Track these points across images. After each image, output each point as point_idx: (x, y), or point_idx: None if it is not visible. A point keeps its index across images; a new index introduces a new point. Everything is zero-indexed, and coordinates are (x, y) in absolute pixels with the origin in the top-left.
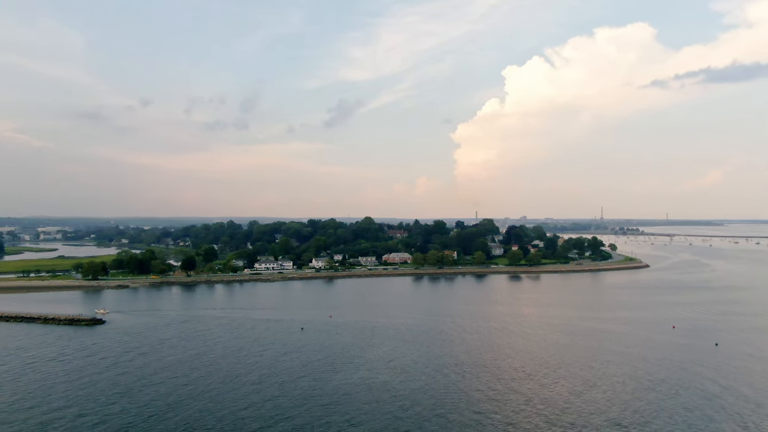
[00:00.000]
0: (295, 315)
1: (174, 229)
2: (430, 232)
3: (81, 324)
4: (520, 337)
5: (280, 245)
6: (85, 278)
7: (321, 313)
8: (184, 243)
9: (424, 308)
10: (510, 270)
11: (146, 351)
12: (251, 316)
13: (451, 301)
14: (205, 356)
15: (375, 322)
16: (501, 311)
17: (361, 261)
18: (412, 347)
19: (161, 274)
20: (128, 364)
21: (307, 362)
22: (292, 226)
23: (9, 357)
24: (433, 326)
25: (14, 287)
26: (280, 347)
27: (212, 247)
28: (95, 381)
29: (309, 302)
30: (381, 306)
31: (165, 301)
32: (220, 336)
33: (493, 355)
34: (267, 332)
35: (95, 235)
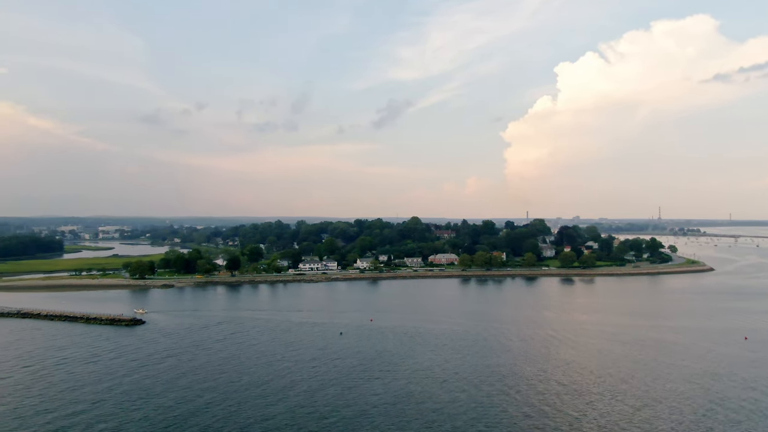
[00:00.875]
0: (336, 318)
1: (225, 228)
2: (479, 232)
3: (121, 324)
4: (571, 347)
5: (326, 245)
6: (132, 277)
7: (362, 317)
8: (233, 242)
9: (469, 312)
10: (562, 272)
11: (179, 353)
12: (290, 318)
13: (499, 306)
14: (237, 360)
15: (417, 328)
16: (551, 317)
17: (406, 262)
18: (454, 355)
19: (206, 274)
20: (157, 367)
21: (341, 370)
22: (338, 226)
23: (45, 356)
24: (478, 333)
25: (66, 285)
26: (315, 353)
27: (258, 246)
28: (122, 383)
29: (351, 304)
30: (424, 309)
31: (207, 301)
32: (256, 339)
33: (541, 367)
34: (304, 336)
35: (150, 235)
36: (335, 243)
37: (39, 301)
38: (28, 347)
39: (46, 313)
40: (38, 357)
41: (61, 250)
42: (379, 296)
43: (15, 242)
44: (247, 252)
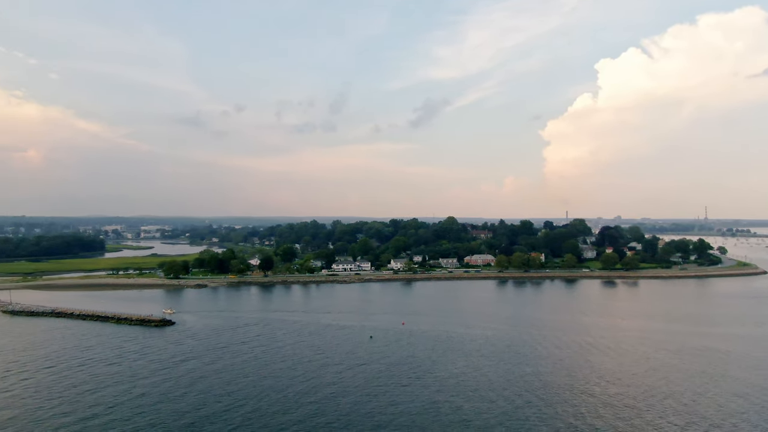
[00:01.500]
0: (366, 321)
1: (263, 228)
2: (516, 232)
3: (150, 325)
4: (615, 356)
5: (360, 245)
6: (167, 277)
7: (394, 320)
8: (270, 242)
9: (506, 316)
10: (604, 275)
11: (202, 355)
12: (320, 320)
13: (537, 309)
14: (260, 364)
15: (449, 332)
16: (593, 322)
17: (441, 263)
18: (489, 363)
19: (239, 274)
20: (177, 369)
21: (367, 376)
22: (373, 225)
23: (71, 357)
24: (515, 338)
25: (103, 285)
26: (342, 357)
27: (291, 246)
28: (140, 386)
29: (382, 306)
30: (459, 313)
31: (238, 301)
32: (283, 341)
33: (584, 377)
34: (333, 340)
35: (189, 234)
36: (369, 243)
37: (75, 300)
38: (56, 347)
39: (78, 313)
40: (64, 357)
41: (103, 249)
42: (411, 298)
43: (59, 241)
44: (280, 252)
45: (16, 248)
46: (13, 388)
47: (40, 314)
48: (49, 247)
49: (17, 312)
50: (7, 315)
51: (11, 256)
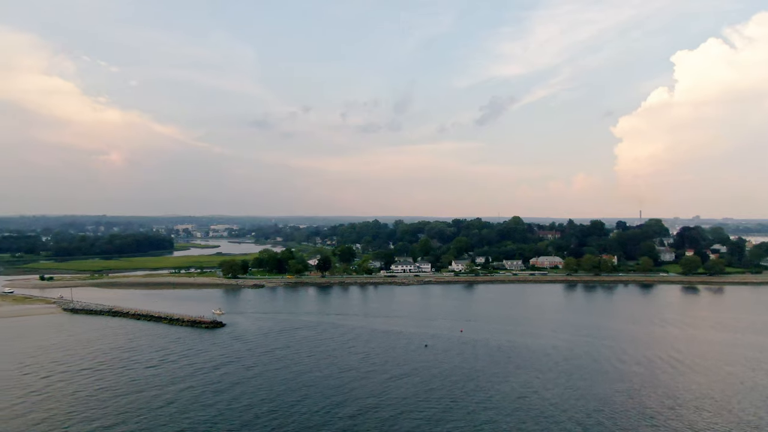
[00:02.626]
0: (423, 326)
1: (326, 228)
2: (586, 233)
3: (201, 327)
4: (702, 376)
5: (420, 246)
6: (225, 276)
7: (452, 326)
8: (331, 242)
9: (575, 325)
10: (684, 280)
11: (244, 360)
12: (374, 325)
13: (609, 318)
14: (303, 371)
15: (513, 342)
16: (674, 335)
17: (505, 264)
18: (554, 380)
19: (297, 274)
20: (213, 374)
21: (417, 391)
22: (435, 225)
23: (115, 358)
24: (584, 351)
25: (164, 283)
26: (393, 368)
27: (350, 247)
28: (170, 392)
29: (441, 311)
30: (523, 320)
31: (293, 303)
32: (332, 347)
33: (665, 402)
34: (385, 347)
35: (255, 234)
36: (430, 243)
37: (135, 299)
38: (104, 347)
39: (133, 312)
40: (108, 358)
41: (171, 247)
42: (473, 302)
43: (130, 240)
44: (338, 252)
45: (92, 246)
46: (50, 389)
47: (97, 313)
48: (121, 245)
49: (77, 310)
50: (68, 313)
51: (87, 254)
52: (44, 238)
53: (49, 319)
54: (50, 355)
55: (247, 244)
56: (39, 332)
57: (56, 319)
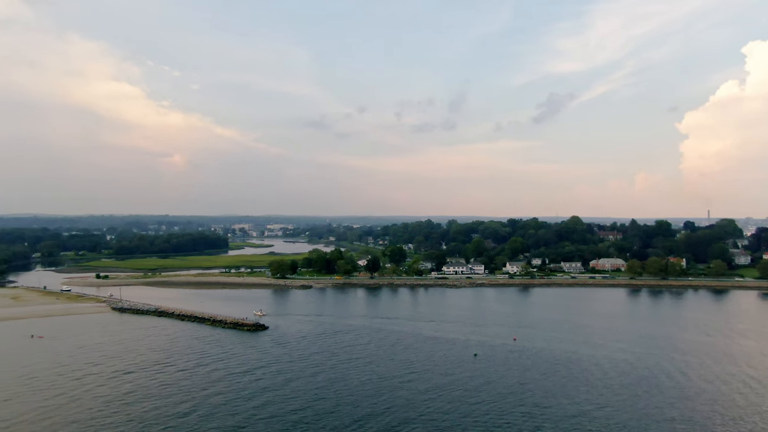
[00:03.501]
0: (473, 333)
1: (380, 227)
2: (651, 234)
3: (243, 329)
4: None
5: (473, 246)
6: (274, 276)
7: (505, 334)
8: (383, 242)
9: (639, 335)
10: (762, 285)
11: (279, 366)
12: (422, 330)
13: (678, 327)
14: (335, 379)
15: (571, 352)
16: (753, 348)
17: (563, 267)
18: (616, 398)
19: (345, 275)
20: (242, 380)
21: (461, 408)
22: (490, 225)
23: (151, 360)
24: (650, 365)
25: (213, 283)
26: (438, 379)
27: (400, 247)
28: (195, 399)
29: (494, 316)
30: (582, 328)
31: (340, 305)
32: (375, 354)
33: (744, 427)
34: (431, 355)
35: (309, 233)
36: (484, 244)
37: (182, 298)
38: (143, 348)
39: (178, 313)
40: (145, 360)
41: (226, 246)
42: (528, 307)
43: (187, 239)
44: (388, 252)
45: (151, 245)
46: (79, 392)
47: (144, 312)
48: (177, 244)
49: (125, 309)
50: (116, 312)
51: (146, 252)
52: (108, 237)
53: (96, 318)
54: (88, 356)
55: (301, 244)
56: (83, 331)
57: (103, 318)
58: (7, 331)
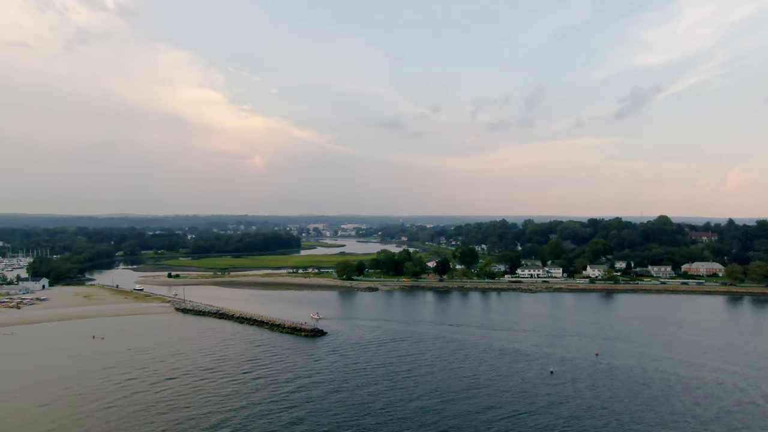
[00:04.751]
0: (550, 345)
1: (453, 227)
2: (751, 235)
3: (301, 334)
4: None
5: (550, 248)
6: (340, 278)
7: (585, 347)
8: (456, 242)
9: (745, 351)
10: None
11: (332, 376)
12: (491, 340)
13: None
14: (392, 397)
15: (665, 371)
16: None
17: (651, 271)
18: (720, 429)
19: (413, 277)
20: (284, 389)
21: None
22: (568, 225)
23: (200, 367)
24: (758, 391)
25: (279, 283)
26: (506, 399)
27: (471, 248)
28: (230, 410)
29: (573, 326)
30: (675, 341)
31: (404, 309)
32: (435, 367)
33: None
34: (499, 370)
35: (381, 233)
36: (562, 245)
37: (247, 299)
38: (195, 353)
39: (238, 315)
40: (193, 366)
41: (299, 246)
42: (612, 316)
43: (260, 239)
44: (458, 254)
45: (225, 244)
46: (117, 398)
47: (205, 314)
48: (251, 243)
49: (187, 310)
50: (179, 312)
51: (220, 251)
52: (189, 236)
53: (160, 318)
54: (138, 359)
55: (373, 244)
56: (143, 333)
57: (166, 318)
58: (72, 331)
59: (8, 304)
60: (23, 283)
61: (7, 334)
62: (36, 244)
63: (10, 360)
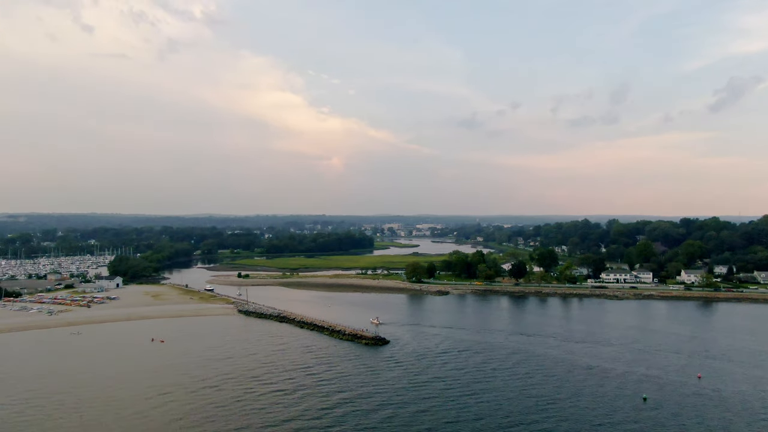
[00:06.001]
0: (640, 364)
1: (531, 227)
2: None
3: (361, 342)
4: None
5: (638, 250)
6: (409, 280)
7: (684, 367)
8: (534, 243)
9: None
10: None
11: (382, 394)
12: (571, 354)
13: None
14: (446, 416)
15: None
16: None
17: (757, 277)
18: None
19: (487, 281)
20: (326, 410)
21: None
22: (658, 225)
23: (245, 376)
24: None
25: (346, 285)
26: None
27: (550, 249)
28: (263, 428)
29: (667, 341)
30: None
31: (476, 315)
32: (502, 385)
33: None
34: (579, 394)
35: (456, 233)
36: (651, 247)
37: (312, 301)
38: (247, 360)
39: (299, 319)
40: (240, 374)
41: (372, 246)
42: (714, 329)
43: (333, 239)
44: (536, 256)
45: (299, 244)
46: (154, 407)
47: (267, 316)
48: (324, 243)
49: (250, 312)
50: (242, 315)
51: (294, 251)
52: (266, 236)
53: (221, 320)
54: (187, 365)
55: (447, 244)
56: (202, 336)
57: (228, 321)
58: (134, 332)
59: (80, 302)
60: (99, 282)
61: (74, 333)
62: (123, 243)
63: (68, 359)
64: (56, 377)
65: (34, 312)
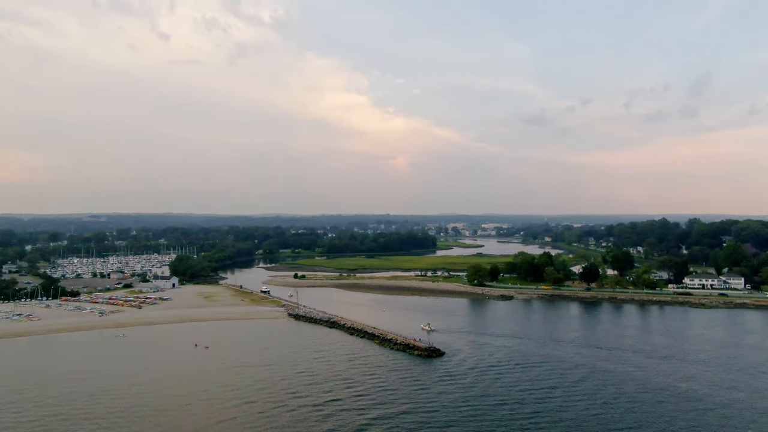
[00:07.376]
0: (738, 387)
1: (602, 227)
2: None
3: (413, 353)
4: None
5: (726, 253)
6: (470, 283)
7: None
8: (607, 243)
9: None
10: None
11: (424, 413)
12: (652, 375)
13: None
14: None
15: None
16: None
17: None
18: None
19: (555, 285)
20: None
21: None
22: (747, 225)
23: (282, 389)
24: None
25: (404, 288)
26: None
27: (626, 251)
28: None
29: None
30: None
31: (541, 324)
32: (568, 407)
33: None
34: (662, 424)
35: (523, 233)
36: (741, 250)
37: (366, 304)
38: (288, 371)
39: (350, 325)
40: (278, 390)
41: (434, 246)
42: None
43: (394, 238)
44: (610, 258)
45: (360, 244)
46: (174, 426)
47: (317, 321)
48: (385, 243)
49: (300, 316)
50: (291, 319)
51: (354, 251)
52: (329, 235)
53: (269, 324)
54: (225, 374)
55: (514, 244)
56: (249, 341)
57: (277, 325)
58: (180, 336)
59: (132, 303)
60: (155, 282)
61: (119, 336)
62: (189, 242)
63: (107, 362)
64: (80, 383)
65: (86, 312)
